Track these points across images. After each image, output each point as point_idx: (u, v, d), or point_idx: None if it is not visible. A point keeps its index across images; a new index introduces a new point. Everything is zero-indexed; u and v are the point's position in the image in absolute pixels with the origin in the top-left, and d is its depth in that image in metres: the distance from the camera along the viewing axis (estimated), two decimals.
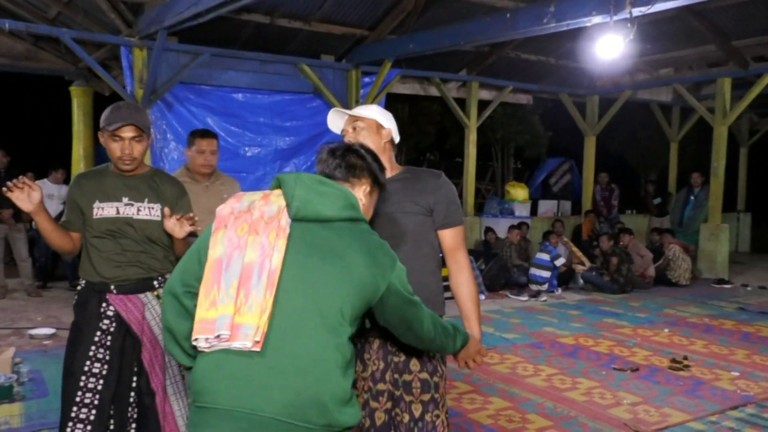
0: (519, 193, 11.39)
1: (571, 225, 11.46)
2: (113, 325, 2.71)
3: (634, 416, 4.16)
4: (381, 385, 2.29)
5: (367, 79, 9.10)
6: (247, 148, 8.19)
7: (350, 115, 2.39)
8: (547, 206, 12.26)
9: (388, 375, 2.29)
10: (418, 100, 12.72)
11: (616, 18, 5.55)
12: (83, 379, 2.66)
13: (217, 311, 1.63)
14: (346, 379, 1.70)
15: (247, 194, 1.80)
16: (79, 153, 9.09)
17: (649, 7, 5.21)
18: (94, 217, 2.71)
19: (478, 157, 11.06)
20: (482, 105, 10.74)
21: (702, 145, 13.31)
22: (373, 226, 2.07)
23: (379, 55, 8.56)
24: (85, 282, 2.78)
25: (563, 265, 8.91)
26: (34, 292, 7.69)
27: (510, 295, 8.43)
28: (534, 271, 8.78)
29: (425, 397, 2.27)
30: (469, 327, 2.34)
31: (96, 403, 2.66)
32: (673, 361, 5.41)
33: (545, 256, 8.76)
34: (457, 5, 8.28)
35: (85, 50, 7.23)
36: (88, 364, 2.67)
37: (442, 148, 16.55)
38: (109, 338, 2.70)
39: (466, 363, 2.29)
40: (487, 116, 10.97)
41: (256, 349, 1.63)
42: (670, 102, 12.32)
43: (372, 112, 2.38)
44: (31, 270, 7.86)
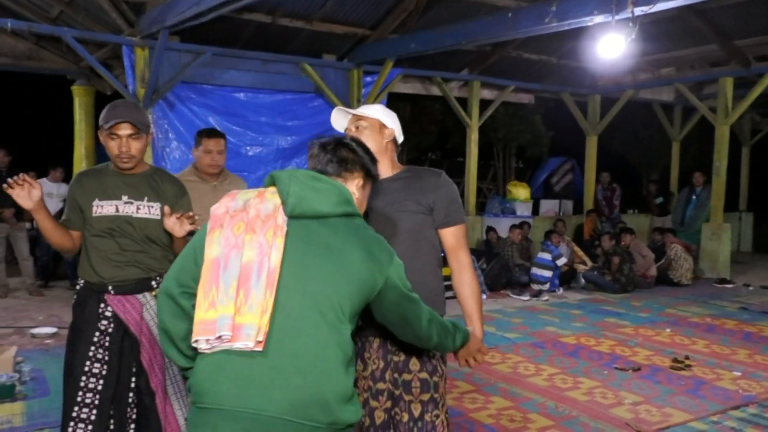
0: (521, 192, 11.39)
1: (573, 224, 11.44)
2: (111, 325, 2.71)
3: (636, 416, 4.16)
4: (381, 384, 2.29)
5: (368, 79, 9.09)
6: (248, 148, 8.19)
7: (353, 115, 2.38)
8: (548, 206, 12.25)
9: (388, 374, 2.29)
10: (420, 99, 12.73)
11: (617, 17, 5.55)
12: (83, 380, 2.67)
13: (217, 312, 1.62)
14: (348, 376, 1.70)
15: (241, 192, 1.78)
16: (80, 152, 9.10)
17: (651, 6, 5.21)
18: (94, 215, 2.71)
19: (480, 157, 11.05)
20: (484, 104, 10.74)
21: (704, 145, 13.30)
22: (374, 225, 2.06)
23: (380, 54, 8.56)
24: (83, 282, 2.78)
25: (565, 265, 8.91)
26: (36, 291, 7.71)
27: (511, 295, 8.43)
28: (535, 271, 8.78)
29: (424, 397, 2.26)
30: (472, 325, 2.33)
31: (96, 402, 2.67)
32: (675, 360, 5.40)
33: (547, 256, 8.75)
34: (458, 5, 8.27)
35: (87, 50, 7.23)
36: (88, 364, 2.68)
37: (444, 148, 16.55)
38: (108, 339, 2.70)
39: (467, 361, 2.27)
40: (489, 116, 10.97)
41: (258, 349, 1.62)
42: (672, 101, 12.30)
43: (375, 112, 2.38)
44: (33, 269, 7.87)
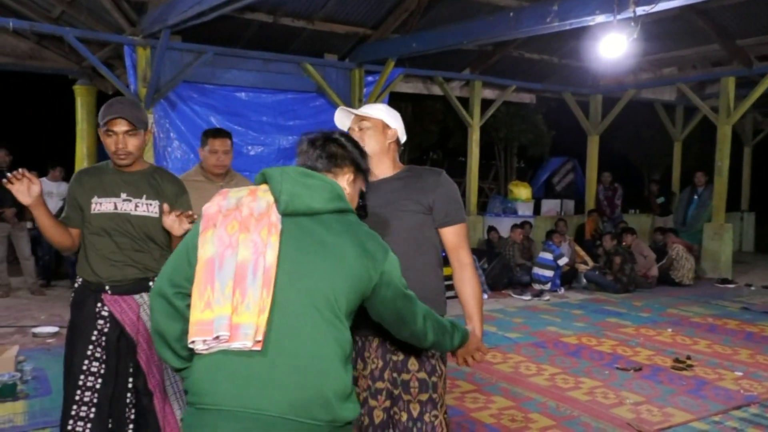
0: (522, 192, 11.39)
1: (574, 224, 11.43)
2: (108, 325, 2.71)
3: (637, 416, 4.16)
4: (379, 384, 2.29)
5: (370, 78, 9.09)
6: (250, 147, 8.19)
7: (356, 115, 2.38)
8: (550, 205, 12.25)
9: (387, 373, 2.28)
10: (422, 99, 12.73)
11: (619, 17, 5.54)
12: (82, 378, 2.67)
13: (213, 312, 1.61)
14: (347, 373, 1.70)
15: (233, 191, 1.77)
16: (82, 152, 9.11)
17: (653, 6, 5.20)
18: (92, 212, 2.70)
19: (481, 156, 11.06)
20: (485, 104, 10.74)
21: (706, 145, 13.28)
22: (374, 224, 2.06)
23: (382, 54, 8.56)
24: (81, 280, 2.77)
25: (566, 265, 8.91)
26: (38, 291, 7.72)
27: (513, 295, 8.43)
28: (537, 271, 8.77)
29: (423, 397, 2.26)
30: (471, 324, 2.32)
31: (95, 401, 2.68)
32: (677, 360, 5.40)
33: (548, 256, 8.75)
34: (460, 4, 8.27)
35: (89, 49, 7.24)
36: (87, 363, 2.68)
37: (445, 147, 16.54)
38: (104, 338, 2.71)
39: (465, 360, 2.25)
40: (491, 115, 10.98)
41: (257, 349, 1.61)
42: (674, 101, 12.28)
43: (379, 112, 2.37)
44: (35, 268, 7.89)
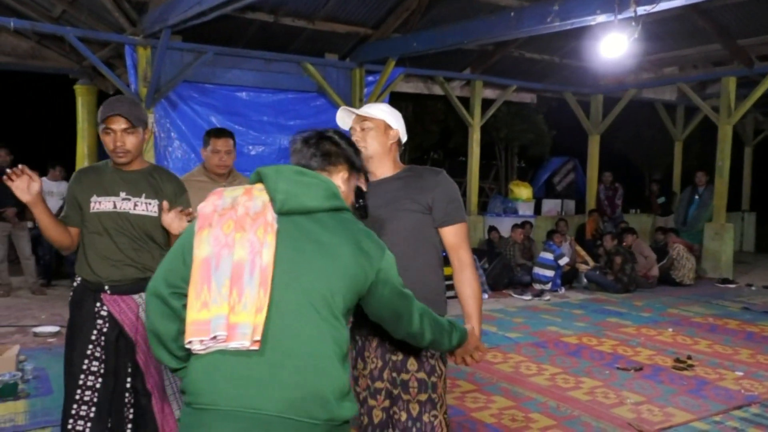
0: (523, 192, 11.38)
1: (575, 224, 11.43)
2: (106, 325, 2.71)
3: (638, 416, 4.15)
4: (379, 383, 2.29)
5: (370, 78, 9.09)
6: (250, 147, 8.20)
7: (358, 115, 2.37)
8: (550, 205, 12.25)
9: (386, 373, 2.28)
10: (422, 98, 12.71)
11: (620, 17, 5.54)
12: (82, 378, 2.68)
13: (210, 312, 1.60)
14: (345, 372, 1.70)
15: (228, 190, 1.76)
16: (83, 151, 9.11)
17: (654, 5, 5.20)
18: (91, 210, 2.70)
19: (482, 156, 11.05)
20: (486, 104, 10.74)
21: (706, 145, 13.27)
22: (374, 224, 2.06)
23: (383, 53, 8.56)
24: (80, 279, 2.77)
25: (567, 265, 8.91)
26: (38, 290, 7.73)
27: (513, 294, 8.43)
28: (537, 271, 8.77)
29: (422, 397, 2.25)
30: (470, 324, 2.31)
31: (95, 400, 2.68)
32: (677, 360, 5.40)
33: (549, 255, 8.74)
34: (461, 4, 8.26)
35: (90, 49, 7.24)
36: (86, 362, 2.69)
37: (446, 147, 16.51)
38: (104, 338, 2.71)
39: (464, 359, 2.23)
40: (491, 115, 10.97)
41: (255, 348, 1.61)
42: (675, 101, 12.27)
43: (381, 112, 2.36)
44: (35, 268, 7.89)
